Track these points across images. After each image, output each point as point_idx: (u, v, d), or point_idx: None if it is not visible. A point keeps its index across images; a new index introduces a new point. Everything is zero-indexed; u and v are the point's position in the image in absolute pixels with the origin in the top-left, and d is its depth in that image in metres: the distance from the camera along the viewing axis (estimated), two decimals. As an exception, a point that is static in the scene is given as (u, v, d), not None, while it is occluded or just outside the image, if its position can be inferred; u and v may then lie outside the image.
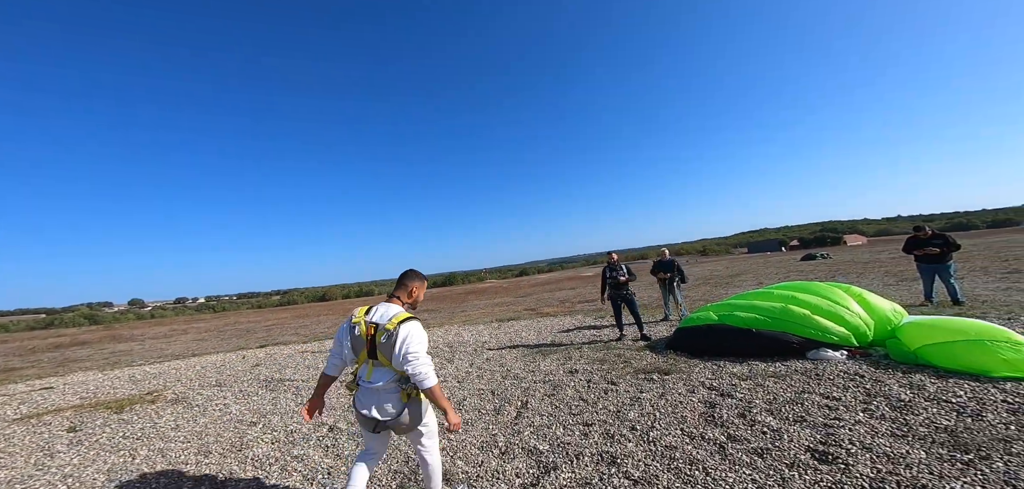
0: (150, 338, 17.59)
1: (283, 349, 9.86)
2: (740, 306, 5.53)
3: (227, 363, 8.27)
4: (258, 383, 6.10)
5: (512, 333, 8.98)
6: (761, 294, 5.77)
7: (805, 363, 4.47)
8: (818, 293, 5.24)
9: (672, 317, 8.55)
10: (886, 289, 9.92)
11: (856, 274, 14.38)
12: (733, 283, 15.57)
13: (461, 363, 6.28)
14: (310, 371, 6.74)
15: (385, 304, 2.13)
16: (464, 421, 3.81)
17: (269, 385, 5.91)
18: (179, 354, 10.77)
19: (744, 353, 5.00)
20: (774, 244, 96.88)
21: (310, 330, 14.64)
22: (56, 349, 15.59)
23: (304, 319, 21.72)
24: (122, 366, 9.22)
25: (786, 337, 4.83)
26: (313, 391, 2.46)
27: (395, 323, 1.99)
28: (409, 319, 2.03)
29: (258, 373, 6.87)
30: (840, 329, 4.68)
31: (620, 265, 6.97)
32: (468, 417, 3.92)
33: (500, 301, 19.75)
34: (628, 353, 5.78)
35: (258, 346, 11.06)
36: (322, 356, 8.14)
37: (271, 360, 8.17)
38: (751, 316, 5.20)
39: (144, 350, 12.86)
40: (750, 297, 5.84)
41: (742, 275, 19.06)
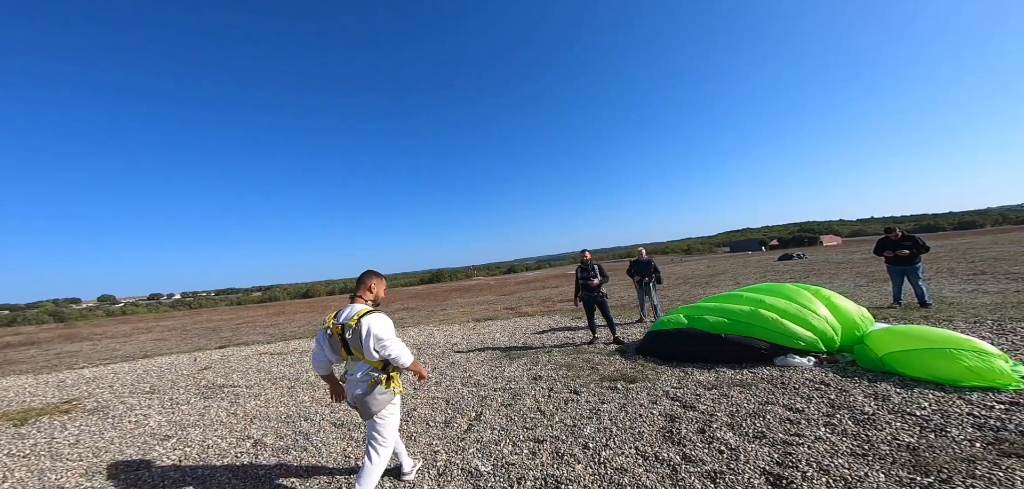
0: (108, 338, 16.62)
1: (243, 350, 9.33)
2: (710, 309, 5.38)
3: (175, 366, 7.73)
4: (196, 390, 5.63)
5: (486, 334, 8.70)
6: (731, 297, 5.63)
7: (772, 370, 4.33)
8: (787, 296, 5.12)
9: (647, 319, 8.41)
10: (857, 290, 10.04)
11: (829, 275, 14.62)
12: (711, 283, 15.66)
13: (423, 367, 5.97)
14: (261, 375, 6.30)
15: (350, 305, 2.41)
16: (409, 434, 3.51)
17: (207, 392, 5.46)
18: (130, 356, 10.10)
19: (713, 359, 4.84)
20: (754, 244, 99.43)
21: (280, 330, 14.03)
22: (11, 349, 14.54)
23: (278, 318, 20.95)
24: (61, 369, 8.55)
25: (754, 343, 4.68)
26: (329, 389, 2.66)
27: (357, 319, 2.25)
28: (369, 312, 2.29)
29: (202, 378, 6.38)
30: (808, 334, 4.56)
31: (593, 265, 6.75)
32: (414, 429, 3.62)
33: (482, 300, 19.44)
34: (598, 358, 5.57)
35: (218, 347, 10.47)
36: (285, 358, 7.69)
37: (224, 363, 7.67)
38: (720, 320, 5.04)
39: (94, 351, 12.05)
40: (721, 300, 5.70)
41: (721, 275, 19.26)
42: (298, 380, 5.75)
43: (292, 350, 8.74)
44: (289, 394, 4.99)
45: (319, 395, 4.87)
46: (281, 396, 4.79)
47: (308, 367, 6.57)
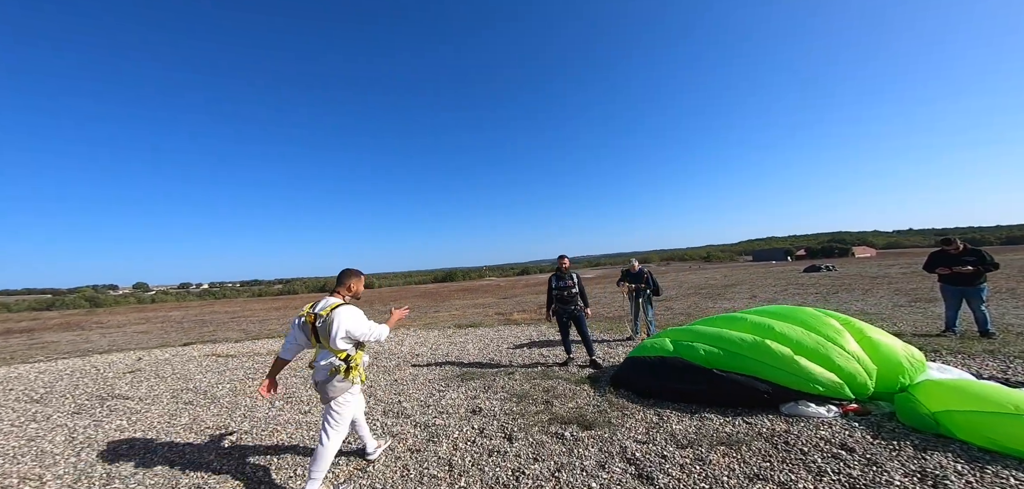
0: (100, 328, 16.67)
1: (195, 350, 8.75)
2: (704, 335, 4.28)
3: (109, 366, 7.16)
4: (83, 400, 4.89)
5: (458, 343, 7.80)
6: (732, 320, 4.50)
7: (776, 421, 3.25)
8: (805, 324, 3.97)
9: (640, 336, 7.29)
10: (896, 311, 8.57)
11: (862, 291, 12.96)
12: (725, 295, 14.23)
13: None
14: (173, 385, 5.54)
15: (326, 298, 2.60)
16: (267, 485, 2.64)
17: (87, 405, 4.66)
18: (87, 351, 9.72)
19: (700, 399, 3.77)
20: (779, 253, 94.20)
21: (262, 327, 13.55)
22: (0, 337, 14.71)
23: (274, 312, 20.68)
24: (16, 363, 8.17)
25: (755, 383, 3.59)
26: (268, 370, 2.84)
27: (329, 310, 2.47)
28: (341, 305, 2.50)
29: (113, 384, 5.65)
30: (829, 376, 3.42)
31: (571, 274, 5.71)
32: (278, 478, 2.74)
33: (481, 302, 18.58)
34: (562, 386, 4.57)
35: (182, 343, 9.98)
36: (227, 362, 7.02)
37: (153, 366, 7.02)
38: (713, 351, 3.96)
39: (68, 343, 11.86)
40: (718, 323, 4.58)
41: (737, 286, 17.66)
42: (207, 394, 5.00)
43: (247, 352, 8.09)
44: (169, 417, 4.18)
45: (202, 419, 4.09)
46: (153, 418, 4.00)
47: (227, 379, 5.83)
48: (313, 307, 2.57)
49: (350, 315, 2.48)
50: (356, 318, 2.50)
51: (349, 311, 2.49)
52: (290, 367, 6.35)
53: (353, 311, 2.51)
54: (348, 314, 2.48)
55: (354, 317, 2.49)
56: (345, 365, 2.49)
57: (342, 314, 2.46)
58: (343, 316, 2.45)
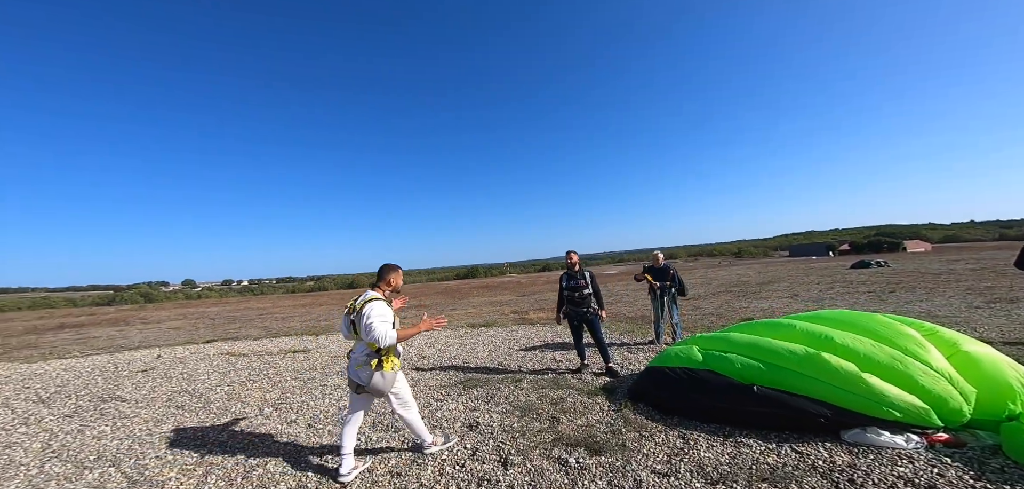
0: (142, 323, 17.60)
1: (216, 348, 8.85)
2: (740, 345, 3.63)
3: (127, 364, 7.27)
4: (84, 401, 4.81)
5: (469, 345, 7.43)
6: (776, 326, 3.81)
7: (838, 451, 2.62)
8: (876, 335, 3.24)
9: (664, 341, 6.62)
10: (972, 314, 7.40)
11: (924, 289, 11.50)
12: (760, 294, 13.08)
13: (332, 392, 4.77)
14: (169, 386, 5.44)
15: (367, 291, 2.73)
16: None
17: (84, 407, 4.56)
18: (125, 346, 10.10)
19: (735, 420, 3.16)
20: (820, 248, 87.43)
21: (283, 325, 13.77)
22: (51, 331, 15.80)
23: (300, 310, 21.18)
24: (51, 358, 8.56)
25: (808, 404, 2.94)
26: None
27: (363, 303, 2.60)
28: (374, 299, 2.62)
29: (114, 386, 5.60)
30: (909, 399, 2.73)
31: (584, 272, 5.14)
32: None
33: (499, 300, 18.22)
34: (571, 399, 4.05)
35: (204, 341, 10.20)
36: (236, 361, 6.97)
37: (168, 365, 7.05)
38: (752, 363, 3.32)
39: (107, 338, 12.47)
40: (759, 330, 3.90)
41: (773, 284, 16.29)
42: (202, 397, 4.84)
43: (260, 351, 8.07)
44: (154, 422, 3.98)
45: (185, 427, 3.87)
46: (137, 424, 3.82)
47: (229, 380, 5.70)
48: (355, 300, 2.69)
49: (371, 310, 2.55)
50: (373, 316, 2.54)
51: (373, 306, 2.57)
52: (290, 370, 6.18)
53: (376, 307, 2.58)
54: (377, 309, 2.56)
55: (373, 314, 2.55)
56: (377, 357, 2.58)
57: (372, 308, 2.55)
58: (372, 310, 2.54)
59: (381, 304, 2.60)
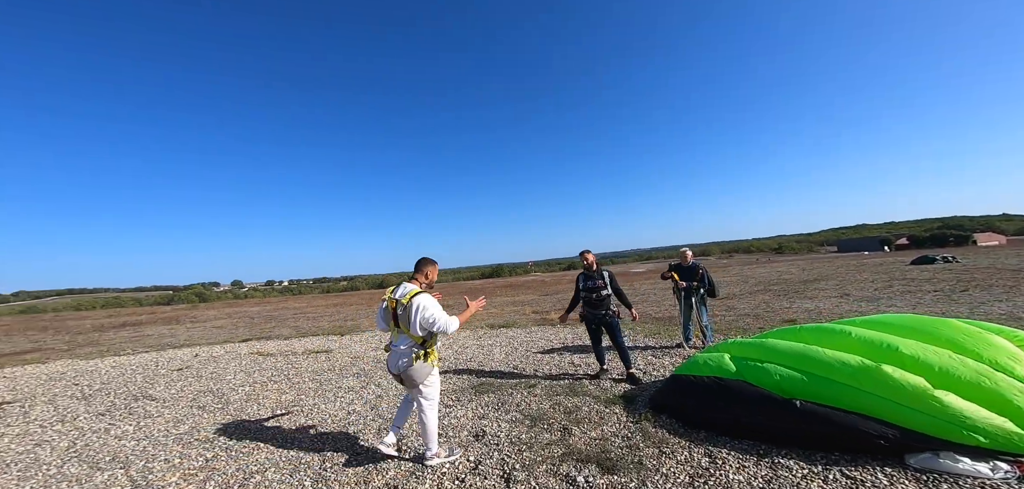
0: (198, 322, 18.85)
1: (248, 347, 9.23)
2: (781, 353, 3.22)
3: (166, 362, 7.70)
4: (119, 399, 5.05)
5: (486, 347, 7.28)
6: (825, 334, 3.34)
7: (900, 479, 2.23)
8: (955, 344, 2.75)
9: (693, 345, 6.15)
10: (1066, 317, 6.34)
11: (1003, 288, 10.12)
12: (805, 292, 12.04)
13: (366, 393, 4.74)
14: (197, 385, 5.63)
15: (405, 284, 2.80)
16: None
17: (116, 405, 4.79)
18: (170, 344, 10.80)
19: (773, 438, 2.78)
20: (873, 242, 79.46)
21: (313, 324, 14.27)
22: (114, 329, 17.28)
23: (331, 309, 21.92)
24: (107, 355, 9.27)
25: (866, 423, 2.53)
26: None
27: (408, 297, 2.63)
28: (420, 293, 2.66)
29: (148, 384, 5.87)
30: (999, 422, 2.26)
31: (601, 272, 4.82)
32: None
33: (521, 299, 18.02)
34: (587, 408, 3.78)
35: (240, 340, 10.70)
36: (277, 359, 7.20)
37: (201, 363, 7.38)
38: (794, 375, 2.91)
39: (156, 337, 13.41)
40: (803, 337, 3.45)
41: (820, 282, 14.98)
42: (223, 397, 4.96)
43: (288, 350, 8.32)
44: (173, 423, 4.07)
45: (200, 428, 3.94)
46: (157, 424, 3.94)
47: (253, 380, 5.84)
48: (393, 292, 2.75)
49: (428, 303, 2.60)
50: (432, 307, 2.60)
51: (427, 299, 2.62)
52: (310, 371, 6.28)
53: (430, 299, 2.64)
54: (426, 301, 2.60)
55: (431, 305, 2.60)
56: (423, 350, 2.63)
57: (420, 301, 2.59)
58: (421, 303, 2.58)
59: (430, 295, 2.68)
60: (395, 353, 2.69)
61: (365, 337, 9.59)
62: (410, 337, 2.63)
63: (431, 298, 2.66)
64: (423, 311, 2.57)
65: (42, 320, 26.62)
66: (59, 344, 12.31)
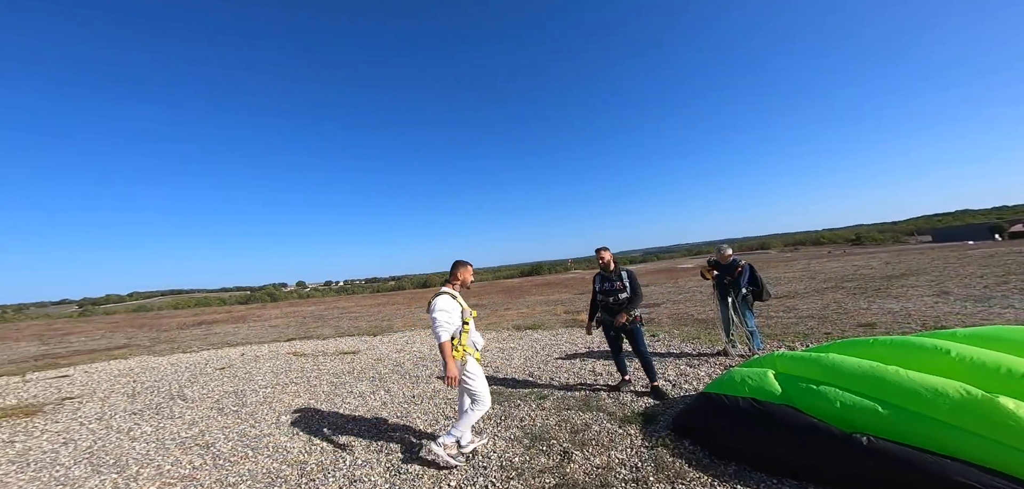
0: (261, 320, 20.64)
1: (288, 347, 9.75)
2: (844, 372, 2.53)
3: (214, 360, 8.27)
4: (155, 398, 5.36)
5: (507, 350, 6.98)
6: (910, 350, 2.57)
7: None
8: None
9: (738, 351, 5.34)
10: None
11: None
12: (888, 290, 10.22)
13: (373, 399, 4.62)
14: (227, 385, 5.88)
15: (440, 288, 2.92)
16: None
17: (149, 405, 5.03)
18: (227, 343, 11.77)
19: (826, 479, 2.15)
20: (980, 230, 66.18)
21: (353, 324, 14.91)
22: (191, 327, 19.43)
23: (373, 309, 22.88)
24: (174, 352, 10.30)
25: (973, 475, 1.83)
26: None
27: (432, 299, 2.76)
28: (441, 293, 2.77)
29: (186, 383, 6.23)
30: None
31: (620, 272, 4.25)
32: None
33: (556, 298, 17.47)
34: (599, 425, 3.32)
35: (285, 339, 11.39)
36: (307, 360, 7.49)
37: (242, 362, 7.82)
38: (865, 404, 2.25)
39: (224, 334, 14.77)
40: (877, 352, 2.71)
41: (909, 277, 12.69)
42: (244, 399, 5.11)
43: (322, 350, 8.62)
44: (188, 425, 4.19)
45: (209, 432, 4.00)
46: (175, 426, 4.08)
47: (278, 380, 6.02)
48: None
49: (440, 304, 2.69)
50: (437, 310, 2.67)
51: (441, 300, 2.71)
52: (331, 373, 6.36)
53: (444, 301, 2.71)
54: (440, 303, 2.69)
55: (438, 308, 2.67)
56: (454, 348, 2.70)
57: (437, 302, 2.69)
58: (436, 304, 2.69)
59: (446, 298, 2.74)
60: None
61: (395, 338, 9.71)
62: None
63: (445, 300, 2.71)
64: (431, 311, 2.68)
65: (143, 318, 30.79)
66: (144, 341, 14.02)
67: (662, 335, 7.11)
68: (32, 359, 10.67)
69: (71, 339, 16.84)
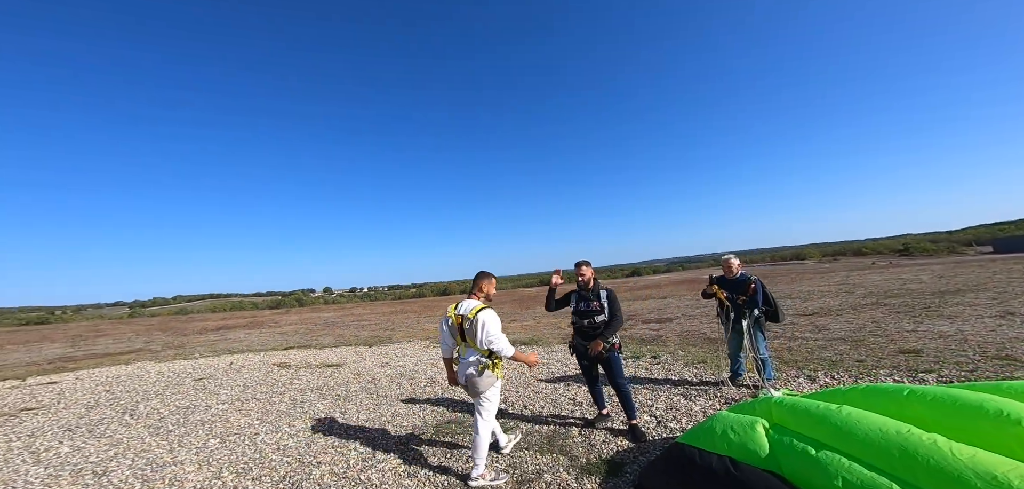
0: (276, 326, 21.10)
1: (282, 356, 9.62)
2: (859, 433, 1.86)
3: (201, 370, 8.21)
4: (109, 410, 5.18)
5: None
6: (957, 407, 1.86)
7: None
8: None
9: (745, 380, 4.58)
10: None
11: None
12: (940, 309, 8.90)
13: (320, 425, 4.21)
14: (190, 399, 5.65)
15: (467, 300, 2.94)
16: None
17: (113, 417, 4.86)
18: (232, 349, 11.85)
19: None
20: None
21: (356, 333, 14.79)
22: (210, 332, 20.05)
23: (385, 316, 22.86)
24: (177, 359, 10.44)
25: None
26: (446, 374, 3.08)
27: (474, 313, 2.76)
28: (484, 309, 2.82)
29: (150, 397, 6.07)
30: None
31: (598, 290, 3.63)
32: None
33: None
34: (552, 475, 2.76)
35: (283, 348, 11.34)
36: (289, 371, 7.27)
37: (226, 374, 7.70)
38: (881, 486, 1.56)
39: (238, 339, 15.02)
40: (915, 405, 2.00)
41: (966, 293, 11.10)
42: (194, 416, 4.83)
43: (310, 362, 8.40)
44: (122, 443, 3.97)
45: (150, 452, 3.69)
46: (109, 449, 3.78)
47: (249, 394, 5.75)
48: (457, 309, 2.89)
49: (492, 320, 2.75)
50: (493, 325, 2.75)
51: (491, 316, 2.78)
52: (299, 388, 6.04)
53: (493, 316, 2.79)
54: (490, 319, 2.75)
55: (492, 323, 2.74)
56: (490, 362, 2.77)
57: (485, 318, 2.73)
58: (486, 320, 2.72)
59: (493, 313, 2.80)
60: (463, 364, 2.84)
61: (387, 350, 9.38)
62: (477, 350, 2.76)
63: (494, 315, 2.79)
64: (487, 328, 2.69)
65: (177, 322, 32.33)
66: (158, 346, 14.45)
67: (665, 357, 6.36)
68: (50, 362, 11.14)
69: (100, 341, 17.72)
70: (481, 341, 2.70)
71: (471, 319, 2.73)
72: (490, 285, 3.01)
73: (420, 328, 14.33)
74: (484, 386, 2.76)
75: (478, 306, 2.78)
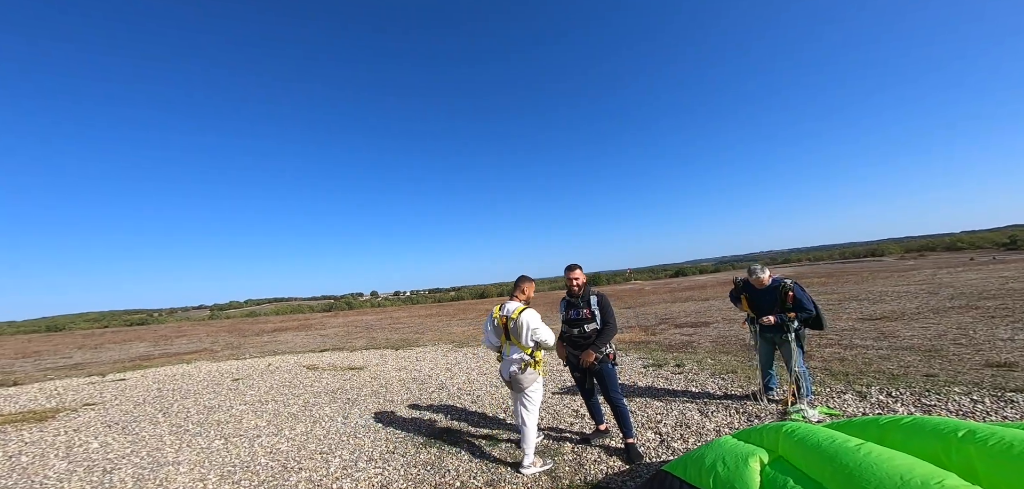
0: (322, 328, 22.54)
1: (315, 358, 10.13)
2: (874, 480, 1.43)
3: (241, 370, 8.81)
4: (146, 408, 5.63)
5: (488, 372, 6.35)
6: (1020, 457, 1.38)
7: None
8: None
9: (778, 396, 4.00)
10: None
11: None
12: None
13: (318, 428, 4.27)
14: (217, 399, 6.02)
15: (509, 302, 3.18)
16: None
17: (150, 415, 5.29)
18: (276, 351, 12.75)
19: None
20: None
21: (388, 336, 15.31)
22: (267, 334, 21.81)
23: (419, 319, 23.51)
24: (230, 359, 11.41)
25: None
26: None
27: (518, 314, 3.00)
28: (526, 309, 3.05)
29: (187, 396, 6.63)
30: None
31: (589, 297, 3.33)
32: None
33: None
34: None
35: (320, 350, 11.96)
36: (316, 374, 7.63)
37: (257, 375, 8.19)
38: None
39: (286, 341, 16.17)
40: (964, 449, 1.53)
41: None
42: (213, 417, 5.11)
43: (336, 364, 8.76)
44: (142, 442, 4.21)
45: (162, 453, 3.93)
46: (138, 446, 4.06)
47: (271, 397, 6.07)
48: (501, 310, 3.12)
49: (535, 319, 2.99)
50: (537, 322, 2.99)
51: (533, 315, 3.01)
52: (315, 390, 6.24)
53: (536, 316, 3.02)
54: (533, 318, 2.99)
55: (537, 321, 2.99)
56: (532, 359, 2.98)
57: (528, 317, 2.97)
58: (530, 319, 2.97)
59: (534, 311, 3.05)
60: (506, 362, 3.03)
61: (409, 354, 9.53)
62: (521, 348, 2.96)
63: (536, 314, 3.01)
64: (533, 326, 2.93)
65: (244, 324, 35.65)
66: (219, 346, 15.96)
67: (690, 365, 5.79)
68: (131, 359, 12.70)
69: (177, 342, 19.94)
70: (526, 339, 2.93)
71: (515, 320, 2.96)
72: (530, 288, 3.22)
73: (448, 332, 14.49)
74: (527, 383, 2.96)
75: (521, 307, 3.01)
